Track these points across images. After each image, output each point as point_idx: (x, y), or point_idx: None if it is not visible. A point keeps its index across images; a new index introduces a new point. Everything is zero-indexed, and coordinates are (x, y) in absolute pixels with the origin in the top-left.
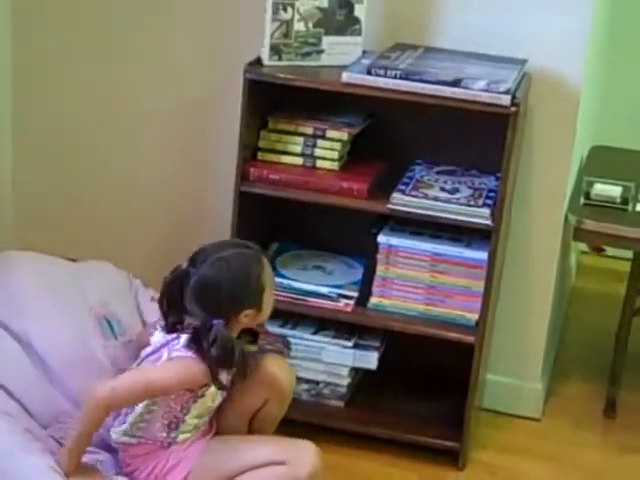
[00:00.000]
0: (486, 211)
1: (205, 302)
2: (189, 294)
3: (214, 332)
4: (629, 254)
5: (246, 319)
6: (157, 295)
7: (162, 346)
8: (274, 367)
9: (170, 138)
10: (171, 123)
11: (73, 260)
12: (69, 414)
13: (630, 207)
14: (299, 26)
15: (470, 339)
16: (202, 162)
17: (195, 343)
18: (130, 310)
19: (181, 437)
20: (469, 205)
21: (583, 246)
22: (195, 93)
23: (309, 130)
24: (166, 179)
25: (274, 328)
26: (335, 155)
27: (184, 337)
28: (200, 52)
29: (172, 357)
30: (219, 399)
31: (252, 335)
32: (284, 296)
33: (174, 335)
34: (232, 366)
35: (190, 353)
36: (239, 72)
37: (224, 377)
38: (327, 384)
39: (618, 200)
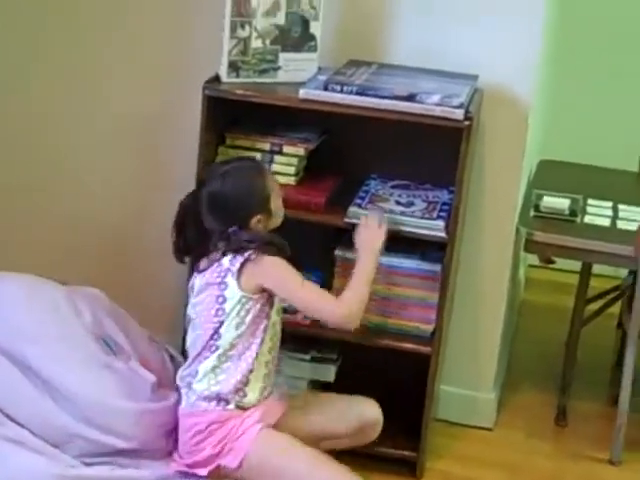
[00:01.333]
0: (441, 223)
1: (218, 214)
2: (203, 211)
3: (235, 235)
4: (576, 267)
5: (260, 224)
6: (154, 336)
7: (221, 276)
8: (378, 415)
9: (127, 155)
10: (128, 140)
11: (62, 283)
12: (79, 434)
13: (578, 219)
14: (256, 43)
15: (426, 350)
16: (160, 178)
17: (240, 251)
18: (121, 333)
19: (251, 396)
20: (424, 218)
21: (531, 259)
22: (153, 110)
23: (266, 146)
24: (123, 194)
25: None
26: (292, 170)
27: (226, 257)
28: (158, 69)
29: (245, 268)
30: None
31: None
32: None
33: (215, 265)
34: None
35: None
36: (198, 89)
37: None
38: None
39: (566, 212)
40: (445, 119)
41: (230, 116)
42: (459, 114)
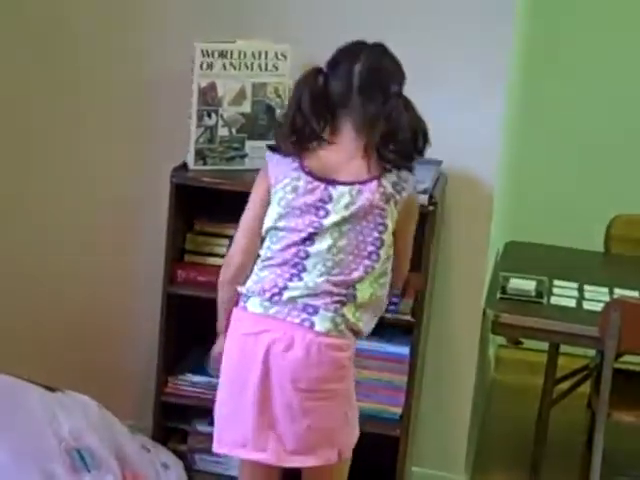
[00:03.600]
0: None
1: (378, 84)
2: (357, 84)
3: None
4: (545, 346)
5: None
6: (149, 442)
7: (383, 200)
8: None
9: (94, 242)
10: (95, 227)
11: (51, 389)
12: None
13: (545, 300)
14: (223, 131)
15: (395, 432)
16: (129, 265)
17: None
18: (104, 444)
19: None
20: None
21: (500, 339)
22: (120, 197)
23: (234, 232)
24: (92, 282)
25: (202, 427)
26: None
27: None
28: (125, 157)
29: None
30: None
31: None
32: (212, 394)
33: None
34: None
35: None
36: (165, 176)
37: None
38: None
39: (533, 294)
40: None
41: (198, 203)
42: (423, 199)
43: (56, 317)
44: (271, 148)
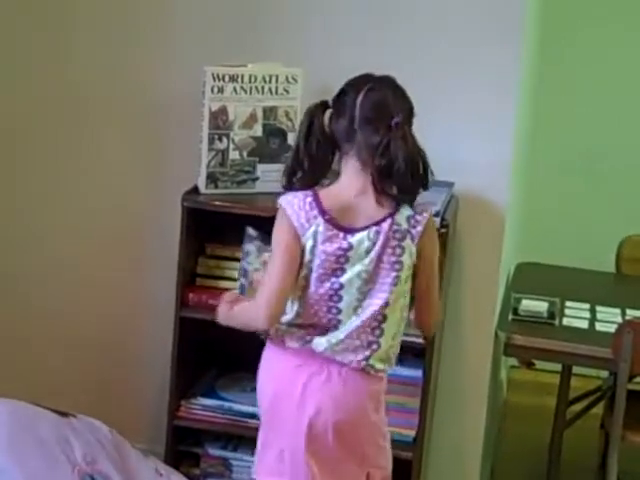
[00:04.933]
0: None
1: (380, 115)
2: (359, 121)
3: (400, 140)
4: (557, 367)
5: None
6: (161, 466)
7: (397, 238)
8: None
9: (106, 266)
10: (107, 252)
11: (63, 414)
12: None
13: (557, 321)
14: (234, 155)
15: (408, 455)
16: (141, 288)
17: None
18: (117, 468)
19: None
20: None
21: (513, 360)
22: (132, 221)
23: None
24: (104, 305)
25: (215, 451)
26: None
27: (403, 209)
28: (137, 180)
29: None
30: None
31: (194, 458)
32: (224, 418)
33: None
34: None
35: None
36: (176, 200)
37: None
38: None
39: (545, 315)
40: None
41: (209, 226)
42: (435, 222)
43: (68, 342)
44: (285, 187)
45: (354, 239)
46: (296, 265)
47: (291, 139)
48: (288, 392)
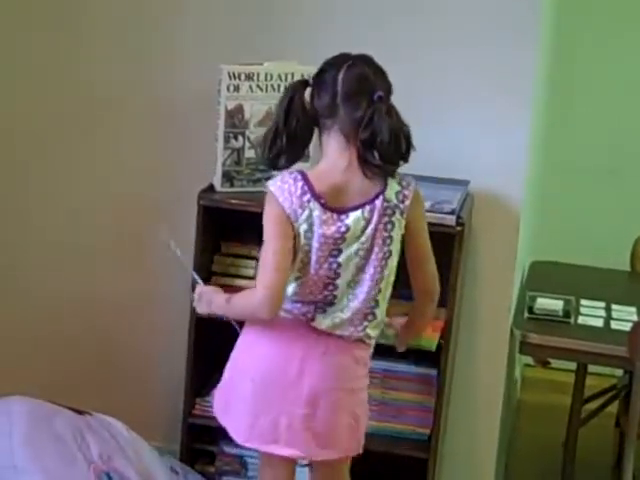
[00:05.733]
0: None
1: (362, 90)
2: (341, 92)
3: (384, 113)
4: (572, 365)
5: None
6: (177, 464)
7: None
8: None
9: (122, 265)
10: (124, 251)
11: (79, 412)
12: None
13: (572, 320)
14: (250, 153)
15: (423, 453)
16: (156, 287)
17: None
18: (133, 466)
19: None
20: None
21: (527, 359)
22: (148, 220)
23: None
24: (119, 304)
25: (230, 449)
26: None
27: (392, 184)
28: (153, 179)
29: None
30: None
31: (209, 456)
32: None
33: (379, 200)
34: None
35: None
36: (192, 198)
37: None
38: None
39: (560, 313)
40: (437, 225)
41: (225, 224)
42: (451, 220)
43: (83, 340)
44: (266, 165)
45: (350, 220)
46: (290, 251)
47: None
48: (283, 363)
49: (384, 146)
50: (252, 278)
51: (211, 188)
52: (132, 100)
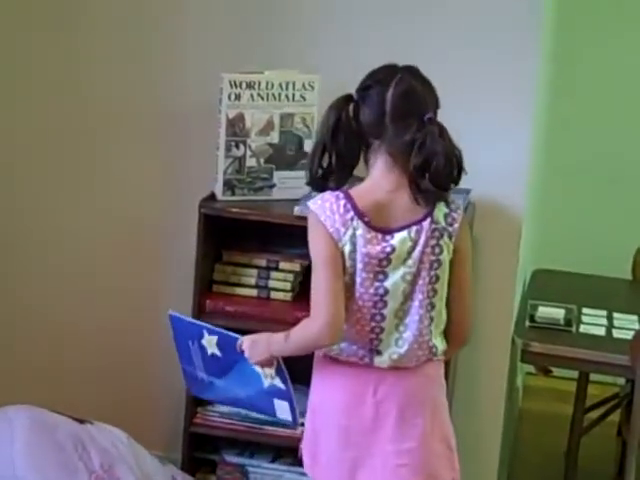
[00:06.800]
0: None
1: (412, 110)
2: (390, 111)
3: (437, 136)
4: (574, 374)
5: None
6: (178, 473)
7: (435, 237)
8: None
9: (123, 273)
10: (124, 259)
11: (80, 420)
12: None
13: (574, 328)
14: (251, 162)
15: None
16: (157, 295)
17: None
18: (134, 475)
19: None
20: None
21: (529, 367)
22: (149, 228)
23: (262, 262)
24: (120, 312)
25: (231, 458)
26: (288, 286)
27: (440, 206)
28: (154, 187)
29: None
30: None
31: (210, 465)
32: (241, 425)
33: (427, 222)
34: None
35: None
36: (193, 207)
37: None
38: None
39: (562, 322)
40: None
41: (226, 233)
42: None
43: (84, 349)
44: (314, 187)
45: (395, 240)
46: (340, 271)
47: (307, 146)
48: (358, 406)
49: (439, 171)
50: (253, 287)
51: (212, 197)
52: (133, 109)
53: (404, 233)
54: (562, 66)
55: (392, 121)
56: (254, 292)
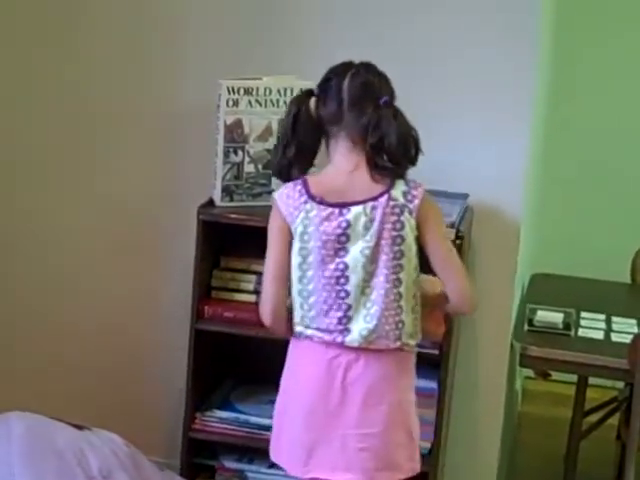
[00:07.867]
0: None
1: (367, 96)
2: (347, 99)
3: (391, 117)
4: (573, 378)
5: None
6: (177, 479)
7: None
8: None
9: (121, 279)
10: (122, 264)
11: (79, 427)
12: None
13: (572, 332)
14: (249, 168)
15: (424, 467)
16: (156, 301)
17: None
18: None
19: None
20: None
21: (528, 371)
22: (147, 233)
23: (261, 268)
24: (118, 318)
25: (230, 463)
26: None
27: (398, 185)
28: (152, 193)
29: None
30: None
31: (209, 471)
32: (240, 431)
33: (384, 198)
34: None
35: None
36: (192, 213)
37: None
38: None
39: (560, 326)
40: None
41: (224, 239)
42: (450, 233)
43: (82, 354)
44: (280, 178)
45: (350, 215)
46: (287, 252)
47: None
48: (325, 391)
49: (392, 149)
50: (252, 292)
51: (211, 202)
52: (131, 115)
53: (359, 208)
54: (562, 66)
55: (349, 107)
56: (252, 298)
